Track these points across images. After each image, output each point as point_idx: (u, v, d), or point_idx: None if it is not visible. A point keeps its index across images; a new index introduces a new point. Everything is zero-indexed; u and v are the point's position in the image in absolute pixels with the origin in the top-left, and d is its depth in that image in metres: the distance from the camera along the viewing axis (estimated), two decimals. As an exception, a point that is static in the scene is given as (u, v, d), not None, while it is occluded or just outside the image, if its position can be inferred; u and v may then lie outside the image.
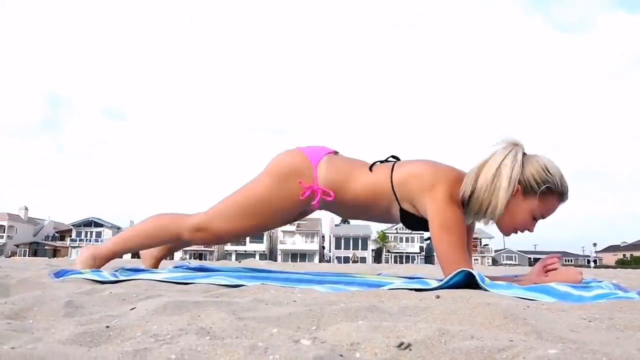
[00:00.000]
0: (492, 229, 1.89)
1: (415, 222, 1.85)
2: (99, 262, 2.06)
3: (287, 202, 1.93)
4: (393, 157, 1.97)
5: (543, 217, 1.76)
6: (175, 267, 2.44)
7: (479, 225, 1.98)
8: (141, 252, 2.39)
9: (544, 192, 1.70)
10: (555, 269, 1.73)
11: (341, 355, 0.57)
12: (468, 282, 1.50)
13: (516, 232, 1.80)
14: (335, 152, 2.03)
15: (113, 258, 2.10)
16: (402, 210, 1.84)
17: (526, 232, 1.79)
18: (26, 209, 57.87)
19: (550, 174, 1.70)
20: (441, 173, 1.75)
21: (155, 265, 2.39)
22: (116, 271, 1.98)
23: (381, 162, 1.94)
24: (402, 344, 0.67)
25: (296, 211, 2.01)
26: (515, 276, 1.93)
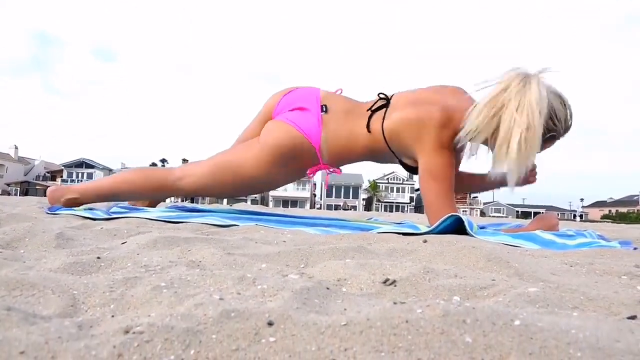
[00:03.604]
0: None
1: (416, 169, 1.84)
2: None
3: (283, 177, 1.95)
4: (381, 95, 1.85)
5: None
6: (168, 207, 2.45)
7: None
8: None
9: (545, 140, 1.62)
10: None
11: (328, 288, 0.59)
12: (457, 228, 1.53)
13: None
14: (324, 106, 1.88)
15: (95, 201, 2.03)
16: (402, 163, 1.85)
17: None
18: (16, 147, 57.08)
19: (557, 119, 1.58)
20: (426, 118, 1.66)
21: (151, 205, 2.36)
22: (109, 209, 1.99)
23: (373, 110, 1.82)
24: (387, 280, 0.69)
25: (292, 181, 2.03)
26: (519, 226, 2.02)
